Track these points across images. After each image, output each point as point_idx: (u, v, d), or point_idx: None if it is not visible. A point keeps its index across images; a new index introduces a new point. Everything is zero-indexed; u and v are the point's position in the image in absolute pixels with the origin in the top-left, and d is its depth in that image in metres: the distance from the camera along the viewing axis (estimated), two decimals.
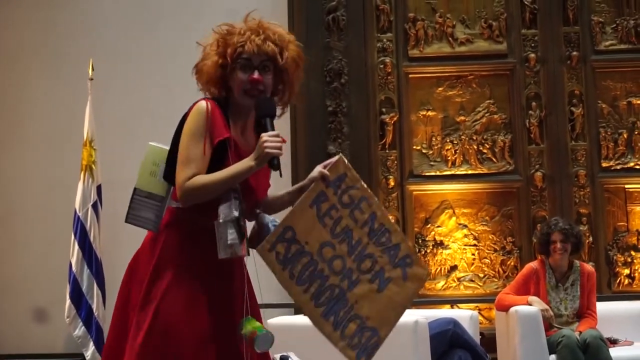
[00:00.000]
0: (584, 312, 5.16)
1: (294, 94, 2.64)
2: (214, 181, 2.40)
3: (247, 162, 2.41)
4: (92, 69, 5.89)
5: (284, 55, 2.56)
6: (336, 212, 2.55)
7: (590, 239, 5.99)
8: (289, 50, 2.59)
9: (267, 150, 2.37)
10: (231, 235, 2.39)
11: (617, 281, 6.03)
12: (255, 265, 2.56)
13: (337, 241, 2.55)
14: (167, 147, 2.54)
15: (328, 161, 2.57)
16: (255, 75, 2.49)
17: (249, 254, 2.52)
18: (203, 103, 2.48)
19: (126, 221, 2.55)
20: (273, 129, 2.45)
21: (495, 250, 6.12)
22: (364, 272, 2.57)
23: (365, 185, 2.62)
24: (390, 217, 2.68)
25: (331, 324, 2.54)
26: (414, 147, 6.22)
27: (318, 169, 2.53)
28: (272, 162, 2.41)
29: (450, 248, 6.12)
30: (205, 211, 2.44)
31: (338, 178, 2.56)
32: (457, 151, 6.20)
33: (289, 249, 2.50)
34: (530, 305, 4.95)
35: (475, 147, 6.21)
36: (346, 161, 2.57)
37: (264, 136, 2.40)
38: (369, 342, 2.58)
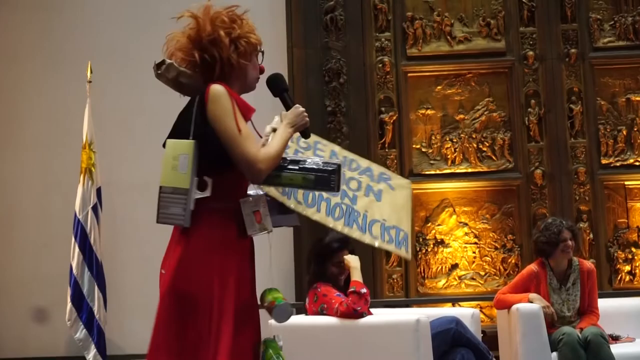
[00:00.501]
0: (585, 310, 5.15)
1: None
2: (278, 149, 2.55)
3: (286, 130, 2.61)
4: (91, 72, 5.89)
5: None
6: (302, 154, 2.96)
7: (591, 236, 5.99)
8: None
9: (307, 119, 2.65)
10: (264, 210, 2.57)
11: (618, 278, 6.03)
12: (270, 250, 2.62)
13: None
14: (185, 139, 2.52)
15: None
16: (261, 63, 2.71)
17: (272, 230, 2.64)
18: (218, 86, 2.54)
19: (158, 221, 2.54)
20: (292, 101, 2.68)
21: (496, 248, 6.12)
22: (355, 190, 2.97)
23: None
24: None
25: (358, 230, 2.91)
26: (414, 146, 6.22)
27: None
28: (306, 132, 2.69)
29: (451, 246, 6.13)
30: (225, 195, 2.54)
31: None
32: (457, 149, 6.20)
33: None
34: (531, 302, 4.94)
35: (474, 145, 6.21)
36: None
37: (300, 107, 2.65)
38: (398, 236, 2.97)
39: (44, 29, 6.43)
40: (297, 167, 2.59)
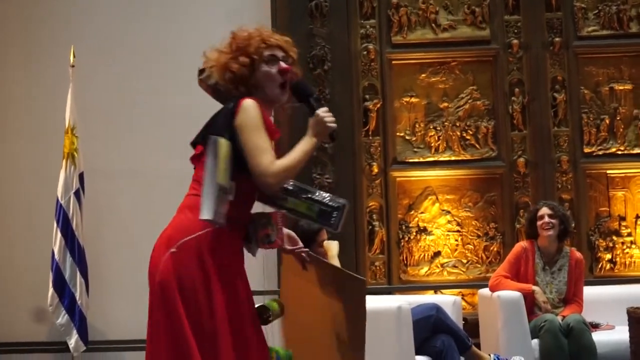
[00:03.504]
0: (570, 298, 5.19)
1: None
2: (297, 160, 2.55)
3: (310, 141, 2.61)
4: (74, 56, 5.84)
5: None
6: None
7: (573, 224, 6.03)
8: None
9: (329, 124, 2.62)
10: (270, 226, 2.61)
11: (599, 266, 6.07)
12: (263, 256, 2.63)
13: None
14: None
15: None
16: (284, 65, 2.68)
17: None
18: (251, 100, 2.58)
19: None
20: (320, 106, 2.67)
21: (479, 236, 6.15)
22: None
23: None
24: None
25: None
26: (398, 133, 6.23)
27: None
28: (332, 135, 2.64)
29: (433, 234, 6.14)
30: (243, 201, 2.57)
31: None
32: (441, 137, 6.21)
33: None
34: (535, 293, 4.98)
35: (458, 133, 6.22)
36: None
37: (321, 113, 2.63)
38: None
39: (25, 12, 6.36)
40: (304, 196, 2.65)
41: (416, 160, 6.20)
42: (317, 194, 2.66)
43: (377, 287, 5.92)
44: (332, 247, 4.32)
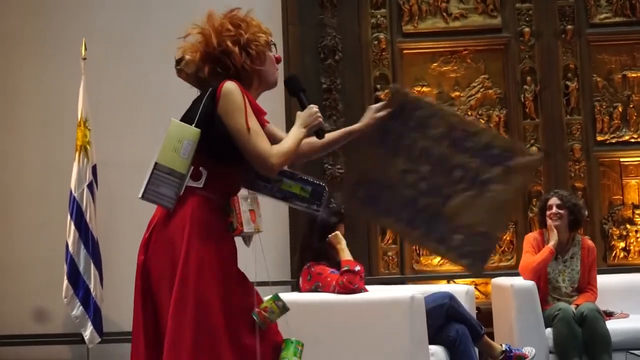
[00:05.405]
0: (584, 287, 5.18)
1: None
2: (291, 147, 2.57)
3: (299, 130, 2.62)
4: (85, 49, 5.86)
5: None
6: (408, 138, 2.61)
7: (586, 212, 6.00)
8: None
9: (320, 119, 2.65)
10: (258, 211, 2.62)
11: (613, 254, 6.05)
12: (261, 243, 2.63)
13: (417, 165, 2.59)
14: (191, 126, 2.53)
15: (379, 104, 2.74)
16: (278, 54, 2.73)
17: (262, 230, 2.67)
18: (232, 83, 2.56)
19: (142, 197, 2.52)
20: (309, 102, 2.70)
21: None
22: (455, 184, 2.56)
23: (429, 102, 2.67)
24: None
25: (434, 241, 2.57)
26: None
27: (370, 114, 2.74)
28: (319, 132, 2.67)
29: None
30: (215, 188, 2.55)
31: (397, 109, 2.61)
32: None
33: (369, 189, 2.62)
34: (552, 250, 5.00)
35: None
36: (400, 90, 2.61)
37: (314, 107, 2.67)
38: (481, 247, 2.55)
39: (38, 6, 6.38)
40: (295, 178, 2.66)
41: None
42: (303, 176, 2.68)
43: (390, 277, 5.92)
44: (342, 240, 4.33)
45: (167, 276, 2.51)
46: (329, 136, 2.76)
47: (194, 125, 2.53)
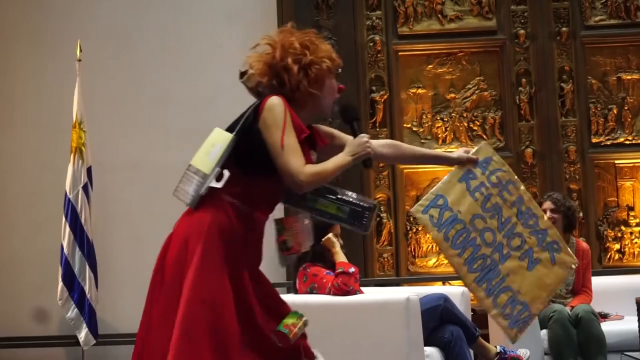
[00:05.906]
0: (579, 289, 5.18)
1: None
2: (330, 170, 2.60)
3: (345, 158, 2.65)
4: (80, 50, 5.85)
5: None
6: (486, 190, 2.79)
7: (581, 214, 6.01)
8: None
9: (369, 150, 2.66)
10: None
11: (608, 256, 6.06)
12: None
13: (487, 215, 2.76)
14: (231, 134, 2.59)
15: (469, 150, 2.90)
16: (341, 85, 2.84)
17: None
18: (277, 98, 2.60)
19: (174, 194, 2.60)
20: (361, 131, 2.75)
21: None
22: (513, 249, 2.77)
23: (510, 170, 2.86)
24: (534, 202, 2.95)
25: (484, 290, 2.72)
26: (405, 125, 6.22)
27: (462, 151, 2.88)
28: (367, 162, 2.68)
29: None
30: (248, 199, 2.58)
31: (485, 160, 2.81)
32: (448, 129, 6.21)
33: (442, 215, 2.75)
34: None
35: (465, 124, 6.21)
36: (491, 147, 2.82)
37: (365, 137, 2.69)
38: (520, 315, 2.73)
39: (32, 7, 6.37)
40: (333, 197, 2.66)
41: None
42: (346, 193, 2.68)
43: (385, 278, 5.92)
44: (336, 243, 4.33)
45: (177, 273, 2.53)
46: (420, 151, 2.98)
47: (234, 132, 2.58)
